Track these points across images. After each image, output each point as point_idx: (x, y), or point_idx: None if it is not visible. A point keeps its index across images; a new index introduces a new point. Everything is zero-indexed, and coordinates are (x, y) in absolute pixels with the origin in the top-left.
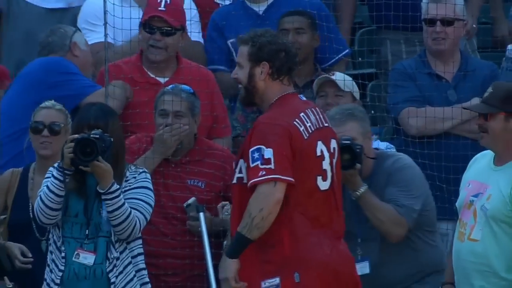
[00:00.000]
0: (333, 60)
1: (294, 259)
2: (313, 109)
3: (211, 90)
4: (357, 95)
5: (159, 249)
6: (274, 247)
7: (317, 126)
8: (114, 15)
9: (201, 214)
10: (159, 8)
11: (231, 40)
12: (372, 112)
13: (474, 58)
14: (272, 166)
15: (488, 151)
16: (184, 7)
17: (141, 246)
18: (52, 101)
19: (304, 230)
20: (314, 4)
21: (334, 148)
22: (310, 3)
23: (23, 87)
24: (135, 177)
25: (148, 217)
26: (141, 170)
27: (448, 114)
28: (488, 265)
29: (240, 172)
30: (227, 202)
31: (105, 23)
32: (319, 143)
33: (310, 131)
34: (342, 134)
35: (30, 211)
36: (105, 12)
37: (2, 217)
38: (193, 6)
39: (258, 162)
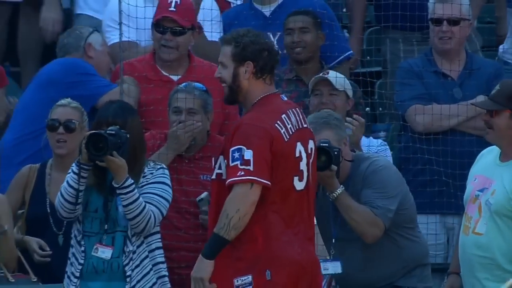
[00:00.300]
0: (337, 60)
1: (266, 257)
2: (293, 109)
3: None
4: (350, 92)
5: (173, 242)
6: (247, 245)
7: (297, 127)
8: (139, 17)
9: None
10: (170, 9)
11: None
12: (380, 109)
13: (479, 57)
14: (251, 167)
15: (495, 146)
16: (205, 8)
17: (159, 240)
18: (68, 99)
19: (277, 229)
20: (319, 6)
21: (311, 149)
22: (316, 5)
23: (40, 87)
24: (152, 173)
25: (164, 212)
26: (159, 166)
27: (454, 111)
28: (492, 258)
29: (220, 168)
30: None
31: (120, 23)
32: (298, 144)
33: (291, 133)
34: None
35: (48, 206)
36: (120, 12)
37: (20, 212)
38: (215, 6)
39: (238, 162)
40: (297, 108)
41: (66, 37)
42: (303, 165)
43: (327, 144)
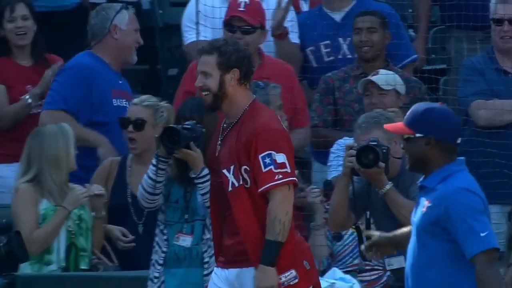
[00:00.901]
0: (403, 63)
1: (297, 250)
2: None
3: (292, 85)
4: (400, 89)
5: None
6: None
7: None
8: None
9: None
10: (239, 9)
11: (311, 48)
12: (445, 104)
13: None
14: (288, 169)
15: None
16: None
17: None
18: (142, 97)
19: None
20: (387, 8)
21: None
22: (383, 8)
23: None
24: None
25: None
26: None
27: None
28: None
29: (241, 174)
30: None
31: (197, 23)
32: None
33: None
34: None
35: (128, 196)
36: (197, 12)
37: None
38: (291, 7)
39: (272, 167)
40: None
41: (93, 17)
42: None
43: (375, 143)
